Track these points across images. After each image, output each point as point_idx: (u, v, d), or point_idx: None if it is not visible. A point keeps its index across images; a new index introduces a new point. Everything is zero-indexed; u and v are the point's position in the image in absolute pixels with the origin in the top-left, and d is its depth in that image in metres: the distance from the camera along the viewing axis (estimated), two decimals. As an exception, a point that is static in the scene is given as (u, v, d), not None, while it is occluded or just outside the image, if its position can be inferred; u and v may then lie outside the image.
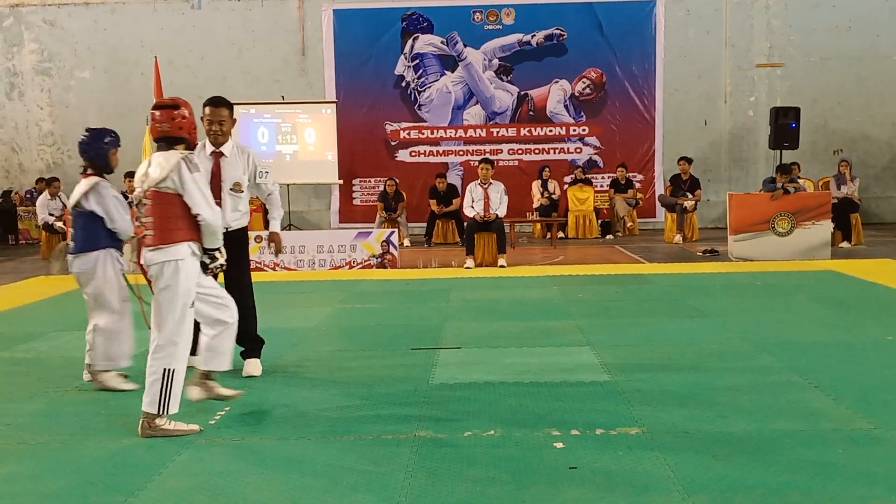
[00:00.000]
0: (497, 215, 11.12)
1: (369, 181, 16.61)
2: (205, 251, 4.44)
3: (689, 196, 14.17)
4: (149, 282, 4.44)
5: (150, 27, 16.67)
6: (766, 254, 11.21)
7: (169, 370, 4.24)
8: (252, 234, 6.08)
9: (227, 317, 4.66)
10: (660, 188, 16.16)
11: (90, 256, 5.23)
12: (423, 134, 16.65)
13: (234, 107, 5.58)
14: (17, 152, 16.99)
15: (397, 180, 15.21)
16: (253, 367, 5.53)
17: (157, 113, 4.41)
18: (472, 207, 11.25)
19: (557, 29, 16.36)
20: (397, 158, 16.66)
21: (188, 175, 4.27)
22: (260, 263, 11.13)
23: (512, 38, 16.44)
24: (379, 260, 11.31)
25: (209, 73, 16.57)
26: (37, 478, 3.77)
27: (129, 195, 12.80)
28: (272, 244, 5.81)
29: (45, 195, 13.68)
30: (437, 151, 16.69)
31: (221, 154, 5.45)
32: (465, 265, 11.02)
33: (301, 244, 11.45)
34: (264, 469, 3.81)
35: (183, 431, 4.31)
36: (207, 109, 5.48)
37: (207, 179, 5.34)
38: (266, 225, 6.10)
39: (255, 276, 5.74)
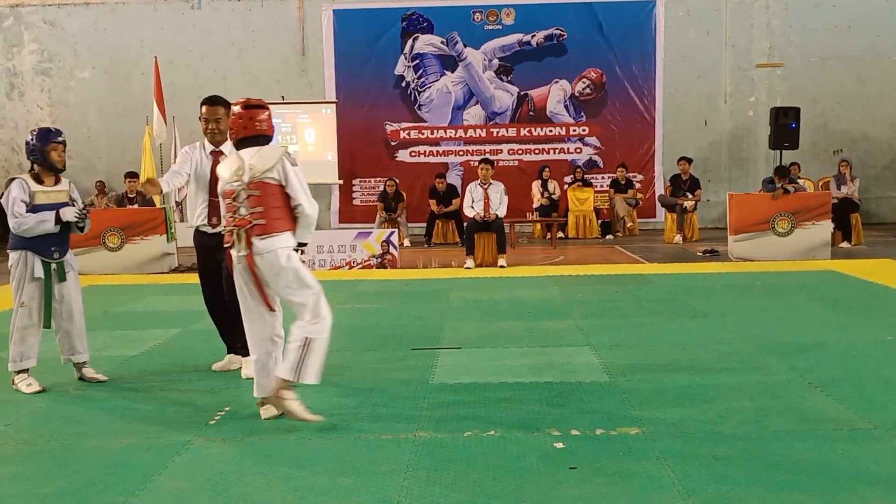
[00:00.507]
0: (497, 215, 11.12)
1: (369, 181, 16.62)
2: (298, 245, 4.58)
3: (689, 196, 14.16)
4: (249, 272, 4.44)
5: (150, 27, 16.67)
6: (767, 254, 11.21)
7: (317, 339, 4.36)
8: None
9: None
10: (660, 188, 16.16)
11: (10, 256, 5.32)
12: (423, 134, 16.65)
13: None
14: (18, 152, 16.98)
15: (397, 180, 15.21)
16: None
17: (255, 112, 4.55)
18: (472, 208, 11.25)
19: (557, 29, 16.36)
20: (397, 158, 16.67)
21: (291, 168, 4.45)
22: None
23: (512, 38, 16.45)
24: (379, 260, 11.31)
25: (209, 74, 16.57)
26: (37, 478, 3.77)
27: (131, 195, 12.82)
28: None
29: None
30: (437, 151, 16.69)
31: (221, 153, 5.48)
32: (465, 265, 11.02)
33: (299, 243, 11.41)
34: (264, 469, 3.81)
35: (302, 415, 4.37)
36: (204, 108, 5.52)
37: (207, 178, 5.37)
38: None
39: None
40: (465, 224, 11.96)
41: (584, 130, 16.60)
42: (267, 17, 16.64)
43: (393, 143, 16.67)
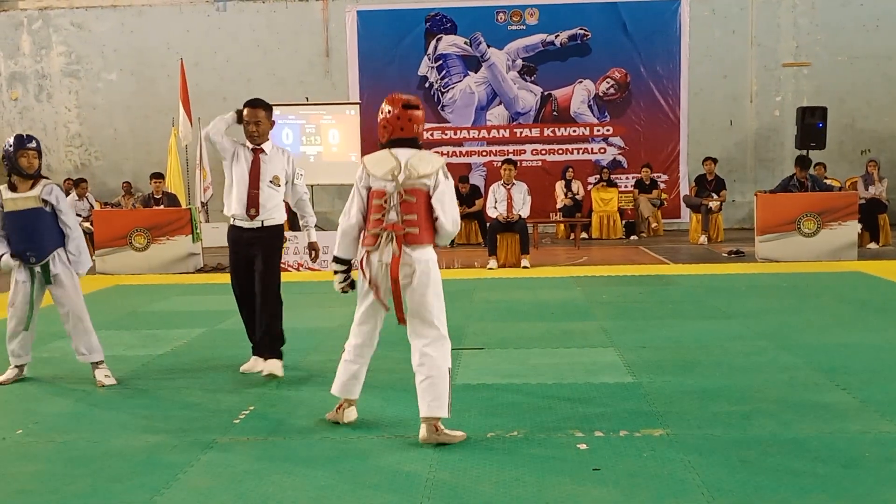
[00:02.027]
0: (520, 216, 11.10)
1: (393, 182, 16.61)
2: None
3: (715, 197, 14.07)
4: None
5: (176, 29, 16.82)
6: (793, 254, 11.10)
7: (449, 368, 4.17)
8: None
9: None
10: (685, 189, 16.06)
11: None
12: (446, 135, 16.66)
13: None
14: (46, 153, 17.11)
15: (421, 181, 15.18)
16: (274, 367, 5.51)
17: (417, 113, 4.36)
18: (496, 208, 11.24)
19: (581, 29, 16.31)
20: (420, 159, 16.65)
21: (444, 178, 4.22)
22: (283, 264, 11.17)
23: (536, 39, 16.41)
24: (402, 260, 11.30)
25: (234, 75, 16.68)
26: (64, 476, 3.81)
27: (157, 195, 12.93)
28: (313, 252, 5.95)
29: (73, 195, 13.85)
30: (461, 152, 16.69)
31: (262, 150, 5.60)
32: (488, 266, 11.01)
33: (324, 245, 11.41)
34: (288, 469, 3.83)
35: (458, 438, 4.12)
36: (246, 110, 5.60)
37: (247, 170, 5.49)
38: (291, 226, 6.19)
39: (281, 276, 5.76)
40: (487, 224, 11.94)
41: (608, 130, 16.53)
42: (291, 18, 16.73)
43: (416, 144, 16.65)
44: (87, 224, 12.78)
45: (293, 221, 14.87)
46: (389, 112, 4.37)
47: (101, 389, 5.32)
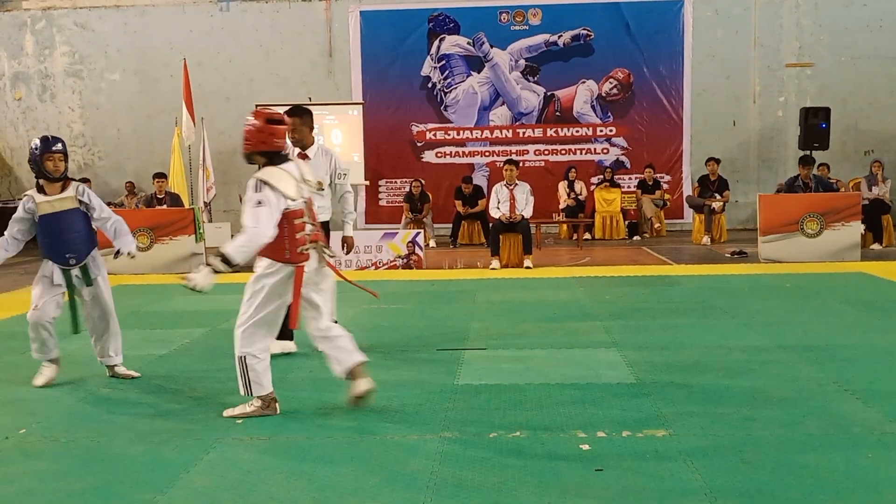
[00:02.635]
0: (523, 216, 11.10)
1: (395, 182, 16.65)
2: None
3: (718, 197, 14.06)
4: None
5: (179, 29, 16.83)
6: (796, 255, 11.10)
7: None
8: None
9: None
10: (687, 189, 16.05)
11: None
12: (448, 135, 16.66)
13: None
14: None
15: (423, 181, 15.23)
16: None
17: (275, 128, 4.62)
18: (498, 209, 11.23)
19: (584, 29, 16.30)
20: (423, 159, 16.69)
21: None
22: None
23: (539, 39, 16.41)
24: (405, 261, 11.33)
25: (237, 75, 16.70)
26: (67, 475, 3.82)
27: (160, 195, 12.95)
28: (345, 245, 6.45)
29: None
30: (463, 152, 16.69)
31: (306, 156, 5.90)
32: (491, 266, 11.01)
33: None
34: (291, 468, 3.83)
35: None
36: (286, 119, 5.68)
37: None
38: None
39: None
40: (490, 225, 11.95)
41: (611, 131, 16.52)
42: (294, 18, 16.74)
43: (419, 144, 16.69)
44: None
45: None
46: (254, 126, 4.53)
47: (105, 390, 5.33)
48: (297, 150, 5.91)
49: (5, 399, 5.17)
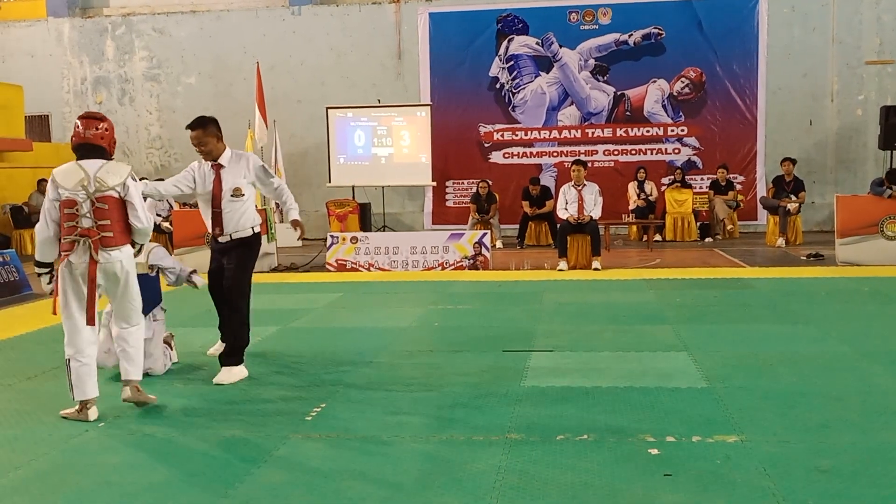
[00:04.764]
0: (591, 217, 11.00)
1: (462, 183, 16.68)
2: None
3: (793, 198, 13.71)
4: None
5: (253, 34, 17.18)
6: (875, 258, 10.76)
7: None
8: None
9: None
10: (762, 190, 15.69)
11: None
12: (516, 135, 16.62)
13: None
14: (128, 155, 17.76)
15: (490, 182, 15.22)
16: (224, 377, 5.54)
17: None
18: (566, 209, 11.15)
19: (655, 28, 16.08)
20: (490, 160, 16.68)
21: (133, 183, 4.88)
22: (355, 264, 11.33)
23: (608, 38, 16.24)
24: (471, 261, 11.35)
25: (308, 78, 16.97)
26: (143, 468, 3.94)
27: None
28: (297, 229, 5.93)
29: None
30: (531, 153, 16.63)
31: (220, 165, 5.70)
32: (559, 267, 10.94)
33: (395, 245, 11.59)
34: (358, 466, 3.88)
35: (152, 399, 4.92)
36: (190, 133, 5.73)
37: (211, 190, 5.65)
38: (362, 226, 6.34)
39: (352, 276, 5.83)
40: (558, 226, 11.87)
41: (682, 131, 16.25)
42: (364, 21, 16.92)
43: (486, 145, 16.69)
44: (166, 224, 13.16)
45: (364, 221, 15.09)
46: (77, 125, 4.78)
47: (179, 385, 5.47)
48: (209, 162, 5.69)
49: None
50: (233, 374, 5.53)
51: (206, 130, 5.68)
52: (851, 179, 15.91)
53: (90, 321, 4.66)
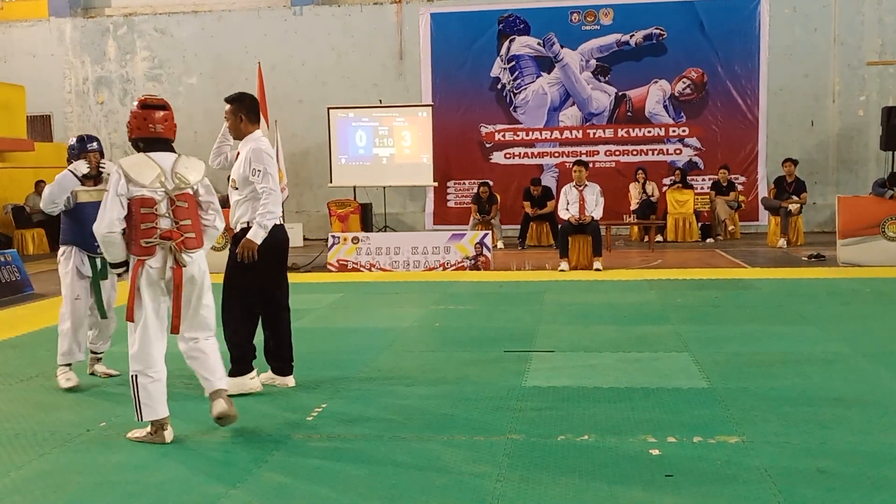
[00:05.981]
0: (593, 217, 11.00)
1: (464, 183, 16.68)
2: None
3: (795, 199, 13.71)
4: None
5: (254, 34, 17.18)
6: (876, 259, 10.74)
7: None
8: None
9: None
10: (763, 191, 15.69)
11: (60, 249, 5.54)
12: (518, 136, 16.62)
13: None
14: (130, 155, 17.77)
15: (491, 182, 15.22)
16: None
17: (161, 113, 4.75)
18: (567, 210, 11.15)
19: (657, 28, 16.07)
20: (492, 160, 16.67)
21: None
22: (356, 264, 11.33)
23: (610, 39, 16.24)
24: (472, 262, 11.35)
25: (310, 78, 16.97)
26: (144, 467, 3.94)
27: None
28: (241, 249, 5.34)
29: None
30: (532, 153, 16.62)
31: (238, 151, 5.55)
32: (560, 268, 10.94)
33: (396, 246, 11.59)
34: (359, 466, 3.88)
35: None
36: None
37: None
38: (363, 227, 6.24)
39: (353, 277, 5.83)
40: (559, 226, 11.87)
41: (684, 131, 16.25)
42: (366, 22, 16.92)
43: (488, 146, 16.69)
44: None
45: (365, 222, 15.09)
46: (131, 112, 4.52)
47: (180, 386, 5.47)
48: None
49: (89, 392, 5.36)
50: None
51: (231, 107, 5.42)
52: (853, 180, 15.90)
53: (175, 330, 4.33)
